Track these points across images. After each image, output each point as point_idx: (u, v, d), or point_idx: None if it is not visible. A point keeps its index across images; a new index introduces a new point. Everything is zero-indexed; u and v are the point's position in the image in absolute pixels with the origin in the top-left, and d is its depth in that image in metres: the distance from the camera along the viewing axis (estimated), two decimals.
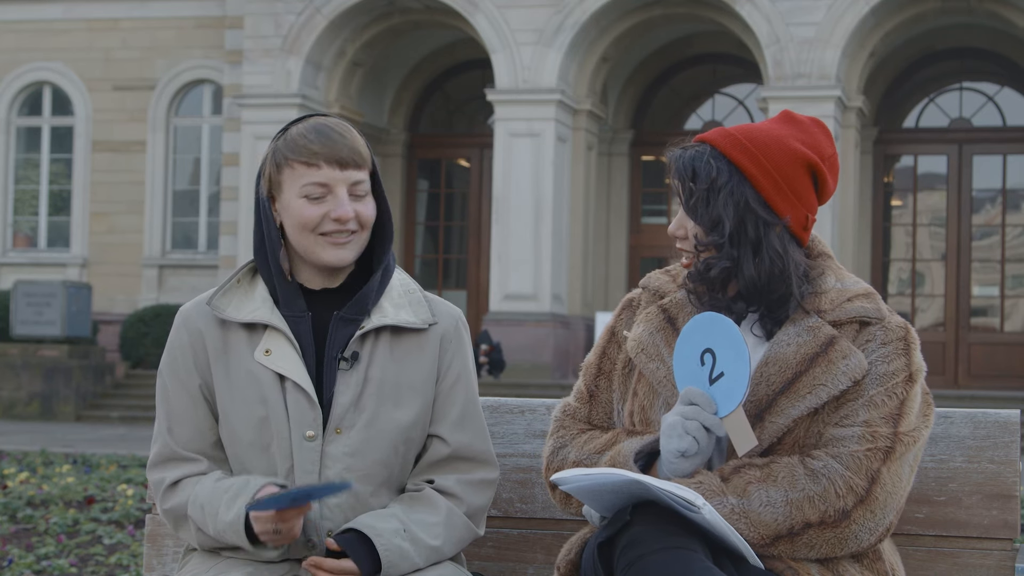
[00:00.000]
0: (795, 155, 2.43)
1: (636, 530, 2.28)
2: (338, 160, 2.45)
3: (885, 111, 22.81)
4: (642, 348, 2.50)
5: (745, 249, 2.41)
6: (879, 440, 2.35)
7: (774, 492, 2.33)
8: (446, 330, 2.58)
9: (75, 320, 20.25)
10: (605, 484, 2.34)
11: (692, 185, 2.43)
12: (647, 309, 2.55)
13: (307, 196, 2.46)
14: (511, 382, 19.19)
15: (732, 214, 2.41)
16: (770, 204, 2.42)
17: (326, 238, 2.47)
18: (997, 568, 2.59)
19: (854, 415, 2.38)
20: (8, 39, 23.91)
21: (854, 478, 2.33)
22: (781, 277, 2.42)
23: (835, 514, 2.32)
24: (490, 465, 2.59)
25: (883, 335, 2.43)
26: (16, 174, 24.41)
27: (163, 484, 2.52)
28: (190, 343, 2.53)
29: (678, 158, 2.47)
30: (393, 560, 2.40)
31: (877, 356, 2.41)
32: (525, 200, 20.35)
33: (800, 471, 2.34)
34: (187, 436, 2.52)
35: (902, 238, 22.93)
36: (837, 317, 2.43)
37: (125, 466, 10.79)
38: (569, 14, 20.32)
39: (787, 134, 2.46)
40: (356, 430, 2.48)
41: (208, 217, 23.47)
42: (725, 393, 2.33)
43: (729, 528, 2.28)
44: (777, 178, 2.42)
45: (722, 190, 2.41)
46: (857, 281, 2.50)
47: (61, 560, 6.39)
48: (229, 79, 22.20)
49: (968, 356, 21.75)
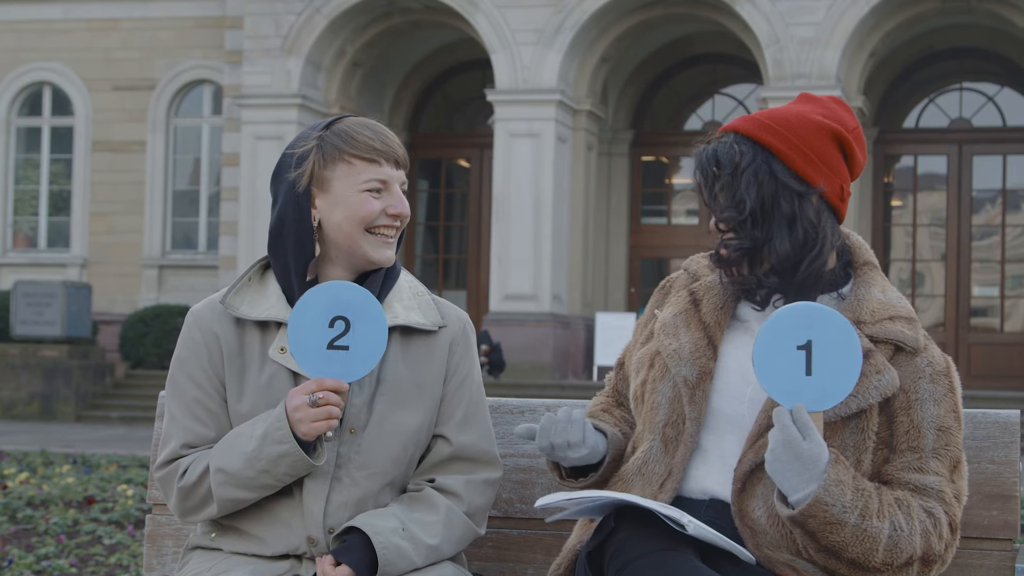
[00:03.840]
0: (820, 127, 2.44)
1: (622, 536, 2.29)
2: (396, 159, 2.52)
3: (885, 111, 22.81)
4: (664, 327, 2.52)
5: (780, 225, 2.40)
6: (952, 495, 2.38)
7: (903, 520, 2.32)
8: (455, 333, 2.60)
9: (75, 320, 20.25)
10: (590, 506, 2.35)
11: (715, 171, 2.43)
12: (679, 293, 2.58)
13: (370, 191, 2.50)
14: (511, 382, 19.19)
15: (755, 194, 2.40)
16: (802, 175, 2.42)
17: (374, 236, 2.51)
18: (997, 568, 2.58)
19: (927, 464, 2.37)
20: (8, 39, 23.90)
21: (947, 528, 2.35)
22: (816, 248, 2.41)
23: (934, 555, 2.33)
24: (493, 465, 2.60)
25: (931, 371, 2.41)
26: (16, 174, 24.41)
27: (177, 471, 2.50)
28: (204, 342, 2.52)
29: (702, 152, 2.47)
30: (390, 559, 2.40)
31: (928, 394, 2.40)
32: (525, 200, 20.35)
33: (915, 502, 2.34)
34: (200, 434, 2.50)
35: (902, 238, 22.93)
36: (875, 333, 2.41)
37: (125, 466, 10.79)
38: (569, 14, 20.32)
39: (809, 110, 2.47)
40: (368, 430, 2.49)
41: (208, 217, 23.46)
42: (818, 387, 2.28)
43: (715, 535, 2.27)
44: (805, 150, 2.42)
45: (746, 171, 2.41)
46: (900, 298, 2.48)
47: (61, 560, 6.39)
48: (229, 79, 22.20)
49: (968, 356, 21.74)
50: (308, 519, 2.46)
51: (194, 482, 2.47)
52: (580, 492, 2.35)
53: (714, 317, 2.50)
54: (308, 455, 2.41)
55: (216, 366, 2.51)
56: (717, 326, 2.50)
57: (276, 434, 2.39)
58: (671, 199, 23.77)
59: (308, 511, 2.46)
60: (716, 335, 2.49)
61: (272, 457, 2.39)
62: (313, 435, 2.38)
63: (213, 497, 2.45)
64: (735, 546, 2.30)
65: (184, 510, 2.51)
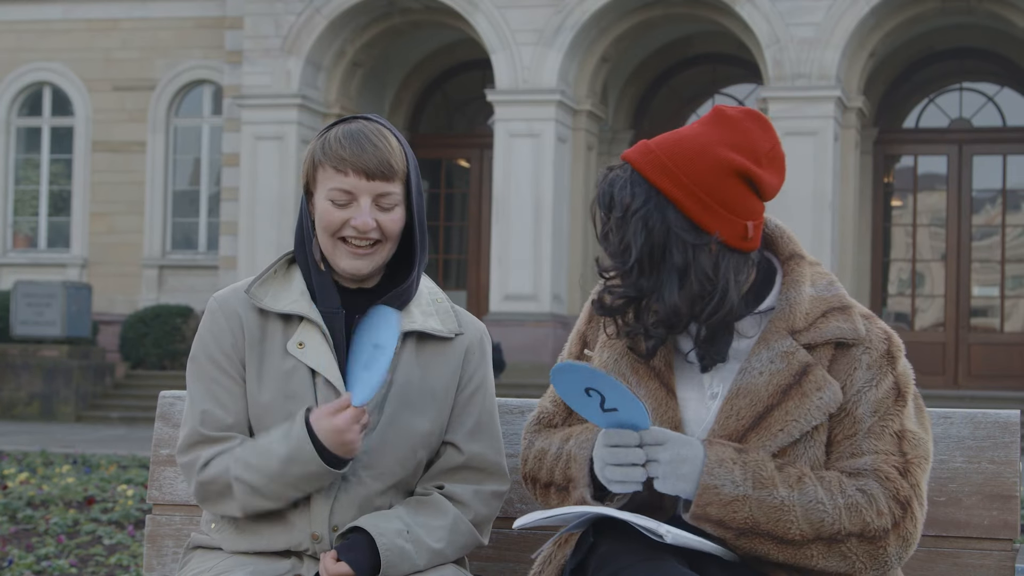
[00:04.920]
0: (722, 165, 2.27)
1: (604, 550, 2.26)
2: (365, 170, 2.46)
3: (885, 111, 22.81)
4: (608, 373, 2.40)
5: (669, 275, 2.26)
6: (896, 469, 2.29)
7: (823, 494, 2.25)
8: (471, 342, 2.61)
9: (75, 320, 20.25)
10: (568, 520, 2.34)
11: (604, 215, 2.31)
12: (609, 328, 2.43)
13: (332, 200, 2.48)
14: (511, 382, 19.18)
15: (643, 241, 2.26)
16: (698, 223, 2.26)
17: (346, 245, 2.49)
18: (997, 568, 2.58)
19: (860, 446, 2.30)
20: (8, 39, 23.90)
21: (890, 502, 2.27)
22: (715, 299, 2.27)
23: (875, 532, 2.25)
24: (501, 478, 2.61)
25: (868, 357, 2.33)
26: (16, 174, 24.41)
27: (197, 462, 2.50)
28: (228, 327, 2.53)
29: (599, 183, 2.33)
30: (393, 560, 2.41)
31: (864, 382, 2.32)
32: (525, 200, 20.35)
33: (847, 481, 2.27)
34: (222, 416, 2.50)
35: (902, 238, 22.92)
36: (812, 339, 2.33)
37: (125, 466, 10.79)
38: (569, 14, 20.32)
39: (715, 140, 2.29)
40: (378, 431, 2.50)
41: (208, 217, 23.46)
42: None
43: (695, 539, 2.25)
44: (702, 195, 2.26)
45: (635, 216, 2.27)
46: (831, 284, 2.39)
47: (61, 560, 6.39)
48: (229, 79, 22.20)
49: (968, 356, 21.74)
50: (314, 516, 2.47)
51: (212, 479, 2.48)
52: (557, 509, 2.33)
53: (664, 360, 2.39)
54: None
55: (239, 350, 2.52)
56: (669, 370, 2.39)
57: (302, 456, 2.41)
58: None
59: (315, 508, 2.47)
60: (671, 381, 2.38)
61: (299, 475, 2.43)
62: (355, 454, 2.43)
63: (234, 497, 2.47)
64: (716, 547, 2.28)
65: (202, 500, 2.53)
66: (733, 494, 2.23)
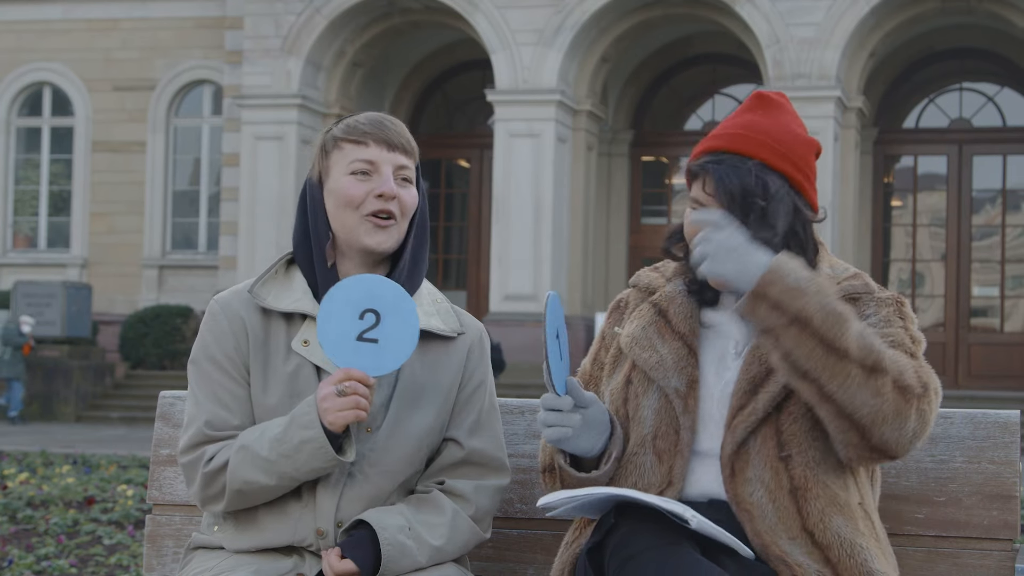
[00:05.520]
0: (809, 144, 2.47)
1: (623, 531, 2.29)
2: (386, 141, 2.52)
3: (885, 111, 22.82)
4: (635, 341, 2.51)
5: (795, 251, 2.43)
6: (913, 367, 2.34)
7: (869, 332, 2.30)
8: (472, 341, 2.64)
9: (75, 320, 20.26)
10: (592, 502, 2.36)
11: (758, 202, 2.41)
12: (639, 307, 2.57)
13: (354, 172, 2.50)
14: (511, 382, 19.18)
15: (783, 225, 2.42)
16: (810, 202, 2.47)
17: (369, 220, 2.50)
18: (997, 568, 2.58)
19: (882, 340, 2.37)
20: (8, 39, 23.91)
21: (915, 378, 2.32)
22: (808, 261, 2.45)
23: (907, 385, 2.29)
24: (502, 472, 2.62)
25: (875, 306, 2.45)
26: (16, 174, 24.42)
27: (203, 457, 2.49)
28: (230, 330, 2.53)
29: (726, 176, 2.41)
30: (394, 555, 2.42)
31: (875, 322, 2.42)
32: (525, 200, 20.36)
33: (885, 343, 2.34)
34: (224, 418, 2.50)
35: (902, 238, 22.93)
36: None
37: (125, 466, 10.79)
38: (569, 14, 20.32)
39: (789, 121, 2.48)
40: (384, 429, 2.51)
41: (208, 217, 23.47)
42: None
43: (718, 529, 2.28)
44: (809, 174, 2.46)
45: (779, 202, 2.42)
46: (847, 267, 2.52)
47: (61, 561, 6.39)
48: (229, 79, 22.20)
49: (968, 356, 21.75)
50: (319, 512, 2.48)
51: (218, 468, 2.47)
52: (582, 490, 2.36)
53: (687, 326, 2.51)
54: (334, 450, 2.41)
55: (242, 353, 2.52)
56: (692, 334, 2.51)
57: (303, 419, 2.40)
58: (671, 199, 23.77)
59: (320, 504, 2.48)
60: (693, 343, 2.50)
61: (296, 442, 2.40)
62: (340, 424, 2.38)
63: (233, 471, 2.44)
64: (736, 541, 2.30)
65: (206, 497, 2.51)
66: (798, 282, 2.26)
